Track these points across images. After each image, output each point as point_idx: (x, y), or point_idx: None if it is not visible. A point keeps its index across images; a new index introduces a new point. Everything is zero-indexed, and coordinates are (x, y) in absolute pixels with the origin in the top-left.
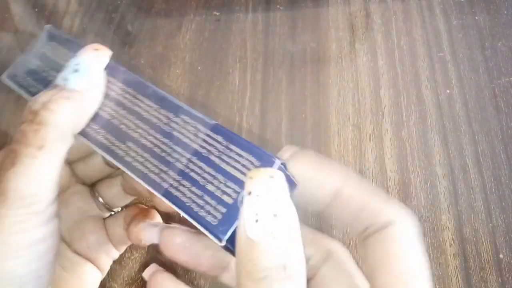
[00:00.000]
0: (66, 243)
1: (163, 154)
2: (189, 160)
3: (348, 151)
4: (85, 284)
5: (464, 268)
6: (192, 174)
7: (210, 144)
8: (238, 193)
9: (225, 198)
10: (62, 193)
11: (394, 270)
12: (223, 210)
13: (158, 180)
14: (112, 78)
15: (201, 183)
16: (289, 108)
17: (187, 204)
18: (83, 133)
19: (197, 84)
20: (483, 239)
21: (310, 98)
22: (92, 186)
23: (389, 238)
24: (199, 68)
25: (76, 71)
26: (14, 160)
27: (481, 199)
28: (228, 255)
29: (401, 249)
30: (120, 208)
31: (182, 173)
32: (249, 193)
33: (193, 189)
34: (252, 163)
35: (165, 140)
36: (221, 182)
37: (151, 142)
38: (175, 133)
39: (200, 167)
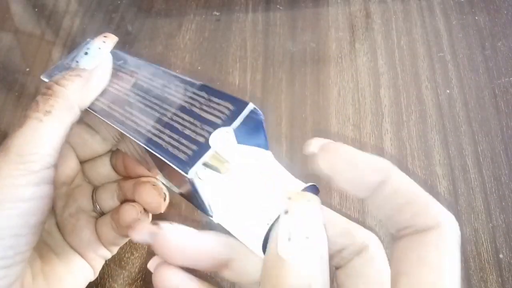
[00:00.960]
0: (60, 231)
1: (152, 112)
2: (174, 114)
3: None
4: (73, 276)
5: (464, 268)
6: (174, 124)
7: (194, 99)
8: (210, 133)
9: (199, 138)
10: (67, 185)
11: (426, 280)
12: (195, 147)
13: (143, 131)
14: (125, 65)
15: (180, 130)
16: (289, 108)
17: (164, 147)
18: (91, 108)
19: None
20: (483, 239)
21: (310, 98)
22: (95, 190)
23: (429, 243)
24: (199, 68)
25: (86, 54)
26: (22, 122)
27: (481, 199)
28: (227, 250)
29: (439, 259)
30: None
31: (166, 125)
32: (286, 212)
33: (173, 135)
34: (228, 108)
35: (157, 101)
36: (197, 127)
37: (145, 104)
38: (166, 95)
39: (182, 118)
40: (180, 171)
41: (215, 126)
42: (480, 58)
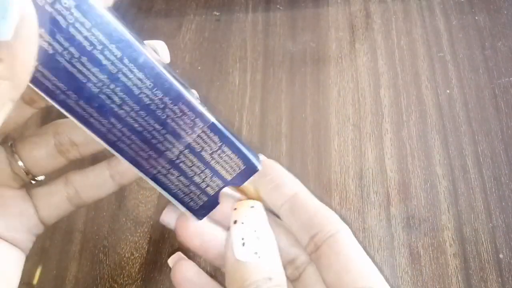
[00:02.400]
0: None
1: (154, 141)
2: (181, 152)
3: (348, 151)
4: (5, 274)
5: (464, 268)
6: (182, 165)
7: (204, 141)
8: (220, 187)
9: (208, 189)
10: None
11: (357, 268)
12: (205, 198)
13: (146, 165)
14: (87, 21)
15: (189, 175)
16: (289, 108)
17: (173, 191)
18: (55, 98)
19: (197, 84)
20: (483, 239)
21: (310, 98)
22: (8, 149)
23: (344, 242)
24: (199, 68)
25: None
26: None
27: (481, 199)
28: None
29: (356, 250)
30: (43, 177)
31: (172, 163)
32: (235, 221)
33: (181, 178)
34: (239, 167)
35: (157, 127)
36: (207, 176)
37: (141, 124)
38: (170, 122)
39: (191, 161)
40: (193, 217)
41: (225, 180)
42: (480, 58)
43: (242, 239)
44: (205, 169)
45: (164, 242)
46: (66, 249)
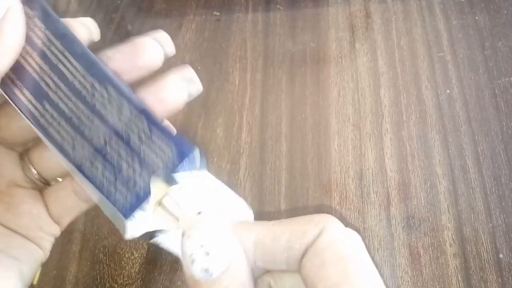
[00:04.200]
0: None
1: (81, 126)
2: (109, 139)
3: (348, 151)
4: (20, 263)
5: (464, 268)
6: (108, 156)
7: (132, 129)
8: (147, 183)
9: (137, 188)
10: None
11: (332, 272)
12: (133, 200)
13: (71, 152)
14: (41, 24)
15: (116, 168)
16: (289, 108)
17: (99, 181)
18: (5, 88)
19: None
20: (483, 239)
21: (310, 98)
22: (22, 155)
23: (321, 246)
24: (199, 68)
25: None
26: None
27: (481, 199)
28: None
29: (334, 252)
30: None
31: (98, 151)
32: (183, 234)
33: (106, 172)
34: (172, 160)
35: (86, 111)
36: (135, 172)
37: (70, 109)
38: (98, 106)
39: (117, 151)
40: (121, 216)
41: (153, 173)
42: (480, 58)
43: (191, 255)
44: (133, 162)
45: None
46: (66, 249)
